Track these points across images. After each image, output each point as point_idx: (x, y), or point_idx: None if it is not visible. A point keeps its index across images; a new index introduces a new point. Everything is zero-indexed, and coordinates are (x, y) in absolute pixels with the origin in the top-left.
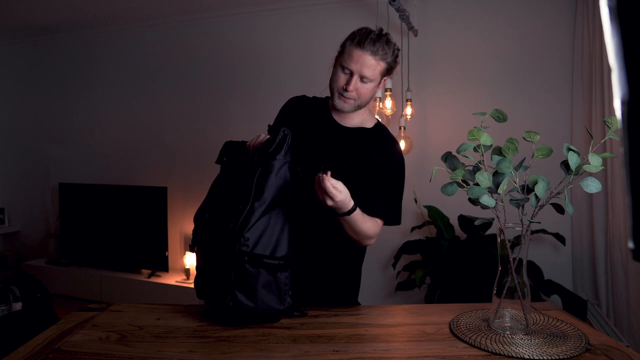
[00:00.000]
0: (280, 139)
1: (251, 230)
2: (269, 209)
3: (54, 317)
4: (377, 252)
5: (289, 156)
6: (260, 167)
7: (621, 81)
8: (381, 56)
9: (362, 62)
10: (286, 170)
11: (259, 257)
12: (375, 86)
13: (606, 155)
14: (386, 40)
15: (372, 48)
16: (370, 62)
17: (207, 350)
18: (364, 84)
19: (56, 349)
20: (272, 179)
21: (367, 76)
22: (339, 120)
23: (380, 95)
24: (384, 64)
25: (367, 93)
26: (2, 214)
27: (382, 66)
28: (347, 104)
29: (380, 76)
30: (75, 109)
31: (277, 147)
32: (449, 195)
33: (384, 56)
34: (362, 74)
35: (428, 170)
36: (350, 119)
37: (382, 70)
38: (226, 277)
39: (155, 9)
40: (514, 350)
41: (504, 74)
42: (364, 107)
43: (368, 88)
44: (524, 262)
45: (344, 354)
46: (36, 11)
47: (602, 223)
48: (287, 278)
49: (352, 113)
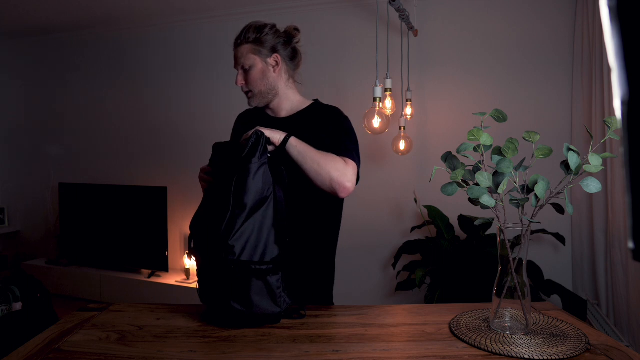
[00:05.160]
0: (253, 141)
1: (235, 237)
2: (251, 213)
3: (54, 317)
4: (377, 252)
5: (265, 158)
6: (236, 174)
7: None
8: (243, 41)
9: (236, 57)
10: (265, 171)
11: (246, 264)
12: (261, 68)
13: (606, 155)
14: (245, 28)
15: (235, 44)
16: (238, 53)
17: (207, 350)
18: (248, 71)
19: (56, 349)
20: (250, 183)
21: (243, 64)
22: (274, 115)
23: (380, 95)
24: (248, 45)
25: (256, 78)
26: (2, 214)
27: (248, 47)
28: (251, 100)
29: (255, 55)
30: (75, 108)
31: (250, 151)
32: (449, 195)
33: (245, 40)
34: (240, 65)
35: (428, 170)
36: (281, 109)
37: (251, 49)
38: (220, 285)
39: (155, 10)
40: (514, 350)
41: (503, 74)
42: (278, 92)
43: (253, 74)
44: (524, 262)
45: (344, 354)
46: (36, 11)
47: (602, 223)
48: (278, 281)
49: (277, 103)
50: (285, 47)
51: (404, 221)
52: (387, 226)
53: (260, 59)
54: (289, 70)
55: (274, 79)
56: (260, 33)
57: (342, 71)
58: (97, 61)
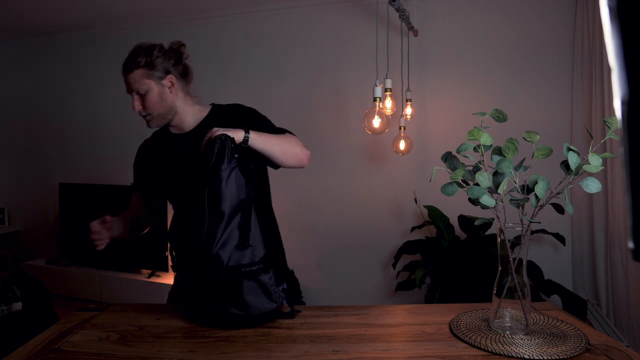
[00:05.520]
0: (218, 148)
1: (219, 245)
2: (230, 218)
3: (54, 317)
4: (377, 252)
5: (234, 161)
6: (207, 184)
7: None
8: (134, 66)
9: (128, 83)
10: (236, 174)
11: (236, 268)
12: (158, 92)
13: (606, 155)
14: (133, 52)
15: (125, 69)
16: (131, 78)
17: (207, 350)
18: (144, 96)
19: (56, 349)
20: (224, 189)
21: (138, 89)
22: (179, 131)
23: (380, 95)
24: (140, 70)
25: (153, 101)
26: (2, 214)
27: (141, 72)
28: (151, 122)
29: (149, 79)
30: (75, 109)
31: (218, 157)
32: (449, 195)
33: (136, 65)
34: (135, 90)
35: (428, 170)
36: (185, 124)
37: (144, 74)
38: (213, 292)
39: (153, 11)
40: (514, 350)
41: (503, 74)
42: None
43: (150, 98)
44: (524, 262)
45: (344, 354)
46: (36, 11)
47: (602, 223)
48: (271, 278)
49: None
50: (177, 66)
51: (404, 221)
52: (387, 226)
53: (155, 82)
54: (183, 88)
55: (171, 100)
56: (151, 56)
57: (342, 71)
58: (97, 61)
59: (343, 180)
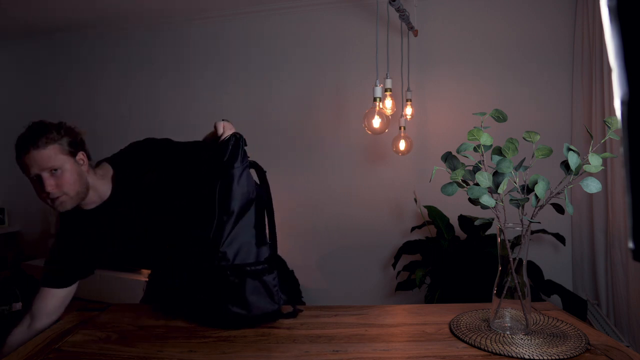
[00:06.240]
0: (233, 144)
1: (226, 243)
2: (239, 217)
3: None
4: (377, 252)
5: (247, 161)
6: (219, 180)
7: (621, 81)
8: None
9: (37, 160)
10: (247, 174)
11: (241, 267)
12: (75, 169)
13: (606, 155)
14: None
15: (32, 144)
16: (41, 155)
17: (207, 350)
18: (59, 175)
19: (56, 349)
20: (236, 188)
21: (51, 167)
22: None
23: (380, 95)
24: (54, 145)
25: (71, 179)
26: (2, 214)
27: (55, 148)
28: (64, 203)
29: (65, 154)
30: (75, 109)
31: (232, 155)
32: (449, 195)
33: (49, 140)
34: (46, 168)
35: (428, 170)
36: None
37: (60, 149)
38: (215, 291)
39: (153, 11)
40: (514, 350)
41: (503, 73)
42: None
43: (66, 176)
44: (524, 262)
45: (344, 354)
46: (36, 11)
47: (602, 223)
48: (274, 279)
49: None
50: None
51: (404, 221)
52: (387, 226)
53: (71, 158)
54: (90, 163)
55: (86, 176)
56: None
57: (342, 71)
58: (97, 61)
59: (343, 180)
